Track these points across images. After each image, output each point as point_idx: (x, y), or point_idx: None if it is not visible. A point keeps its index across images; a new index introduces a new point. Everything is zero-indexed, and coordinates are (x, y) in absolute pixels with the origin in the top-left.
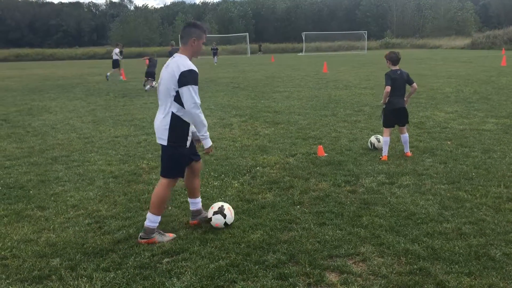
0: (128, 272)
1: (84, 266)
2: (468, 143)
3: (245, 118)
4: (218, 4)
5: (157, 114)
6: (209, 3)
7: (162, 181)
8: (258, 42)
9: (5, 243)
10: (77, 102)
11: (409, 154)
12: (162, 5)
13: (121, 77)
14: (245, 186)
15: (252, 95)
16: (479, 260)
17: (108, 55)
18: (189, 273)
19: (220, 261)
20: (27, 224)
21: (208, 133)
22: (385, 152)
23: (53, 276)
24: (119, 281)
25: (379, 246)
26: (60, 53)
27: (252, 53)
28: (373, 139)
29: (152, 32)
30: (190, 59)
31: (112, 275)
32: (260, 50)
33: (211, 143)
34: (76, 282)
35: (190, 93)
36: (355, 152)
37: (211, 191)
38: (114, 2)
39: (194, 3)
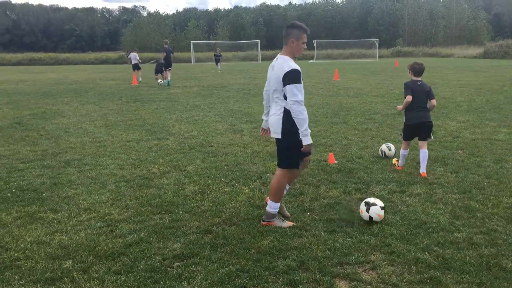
0: (139, 276)
1: (96, 268)
2: (479, 152)
3: (255, 124)
4: (230, 11)
5: (270, 111)
6: (221, 9)
7: (278, 172)
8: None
9: (18, 244)
10: (90, 106)
11: (425, 174)
12: (175, 12)
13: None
14: (255, 192)
15: (263, 102)
16: (490, 271)
17: (120, 60)
18: (199, 277)
19: (230, 266)
20: (40, 226)
21: (309, 130)
22: (401, 164)
23: (65, 278)
24: (130, 284)
25: (389, 255)
26: (73, 58)
27: (263, 60)
28: (384, 147)
29: (164, 38)
30: (292, 59)
31: (123, 278)
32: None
33: (311, 141)
34: (88, 285)
35: (293, 91)
36: (366, 160)
37: (222, 197)
38: (127, 8)
39: (206, 10)
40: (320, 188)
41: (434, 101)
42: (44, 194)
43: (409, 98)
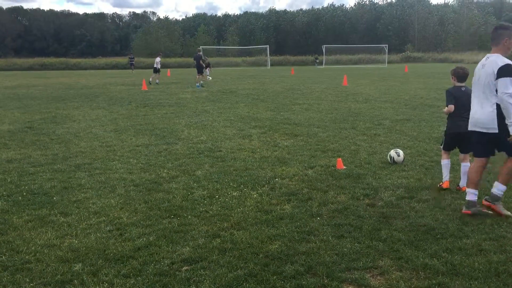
0: (148, 279)
1: (105, 272)
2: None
3: (264, 129)
4: (239, 16)
5: (479, 108)
6: (231, 15)
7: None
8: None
9: (29, 247)
10: (100, 111)
11: (465, 188)
12: (184, 17)
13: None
14: (264, 197)
15: (271, 107)
16: (499, 277)
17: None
18: (207, 281)
19: (239, 270)
20: (51, 229)
21: None
22: (446, 177)
23: (75, 281)
24: (139, 287)
25: (397, 260)
26: (84, 63)
27: (271, 65)
28: (392, 153)
29: (173, 43)
30: (505, 56)
31: (132, 282)
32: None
33: None
34: (97, 287)
35: (505, 84)
36: (374, 165)
37: (230, 202)
38: (137, 14)
39: (215, 15)
40: (328, 193)
41: None
42: (54, 198)
43: (451, 107)
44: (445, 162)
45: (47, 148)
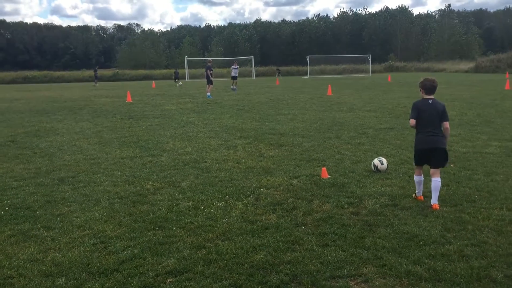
0: None
1: (89, 285)
2: (471, 166)
3: (249, 140)
4: (224, 28)
5: None
6: (215, 26)
7: None
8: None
9: (11, 262)
10: (84, 123)
11: (437, 206)
12: (169, 29)
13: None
14: (249, 207)
15: (256, 117)
16: (480, 282)
17: (114, 78)
18: None
19: (224, 281)
20: (34, 243)
21: None
22: (419, 193)
23: None
24: None
25: (381, 268)
26: (68, 76)
27: (257, 75)
28: (376, 161)
29: (158, 55)
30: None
31: None
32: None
33: None
34: None
35: None
36: (359, 174)
37: (215, 212)
38: (122, 26)
39: (200, 26)
40: (313, 203)
41: (446, 124)
42: (37, 212)
43: (412, 122)
44: (416, 178)
45: (30, 162)
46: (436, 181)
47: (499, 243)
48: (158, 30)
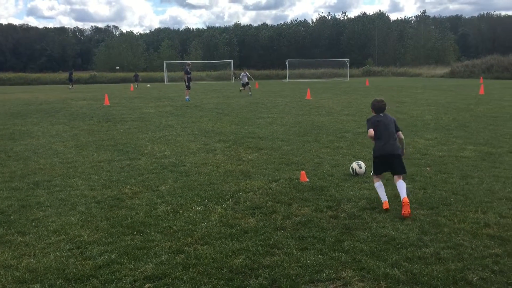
0: None
1: None
2: (447, 169)
3: (228, 143)
4: (203, 31)
5: None
6: (194, 29)
7: None
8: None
9: None
10: (60, 126)
11: (407, 199)
12: (148, 31)
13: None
14: (228, 211)
15: (236, 121)
16: (456, 285)
17: (92, 80)
18: None
19: (202, 286)
20: (7, 249)
21: None
22: (383, 198)
23: None
24: None
25: (359, 271)
26: (44, 78)
27: (236, 79)
28: (354, 165)
29: (136, 58)
30: None
31: None
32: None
33: None
34: None
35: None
36: (337, 177)
37: (194, 216)
38: (100, 28)
39: (179, 29)
40: (292, 206)
41: (400, 134)
42: (11, 217)
43: (370, 131)
44: (377, 185)
45: (4, 166)
46: (401, 182)
47: (475, 246)
48: (137, 33)
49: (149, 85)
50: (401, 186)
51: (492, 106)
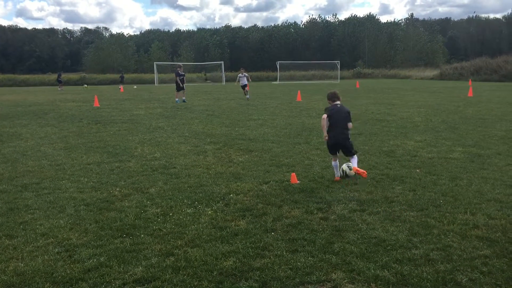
0: None
1: None
2: (436, 171)
3: (219, 145)
4: (193, 32)
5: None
6: (185, 31)
7: None
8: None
9: None
10: (49, 128)
11: (356, 168)
12: (138, 33)
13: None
14: (218, 214)
15: (226, 123)
16: (446, 286)
17: (81, 82)
18: None
19: None
20: None
21: None
22: (336, 174)
23: None
24: None
25: (349, 273)
26: (33, 79)
27: (227, 81)
28: (344, 166)
29: (127, 59)
30: None
31: None
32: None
33: None
34: None
35: None
36: (328, 179)
37: (184, 219)
38: (90, 29)
39: (169, 31)
40: (282, 208)
41: (350, 125)
42: None
43: (324, 116)
44: (334, 163)
45: None
46: (353, 158)
47: (464, 247)
48: (127, 34)
49: (135, 87)
50: (353, 160)
51: (481, 108)
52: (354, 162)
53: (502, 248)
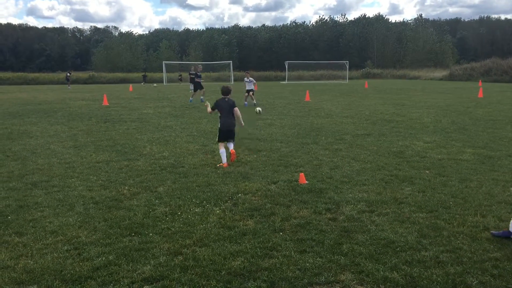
0: None
1: None
2: (445, 172)
3: None
4: (202, 32)
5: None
6: (194, 30)
7: None
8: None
9: None
10: (59, 126)
11: (233, 151)
12: (147, 32)
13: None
14: (226, 213)
15: None
16: None
17: (90, 80)
18: None
19: None
20: (5, 250)
21: None
22: (223, 160)
23: None
24: None
25: (358, 274)
26: (43, 78)
27: (235, 80)
28: (257, 109)
29: (135, 58)
30: None
31: None
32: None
33: None
34: None
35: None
36: (336, 180)
37: (193, 218)
38: (99, 28)
39: (178, 30)
40: (291, 208)
41: (237, 111)
42: (9, 217)
43: (208, 109)
44: (222, 151)
45: (2, 166)
46: (230, 143)
47: (474, 250)
48: (136, 33)
49: (155, 85)
50: (230, 145)
51: (491, 109)
52: (231, 145)
53: None
